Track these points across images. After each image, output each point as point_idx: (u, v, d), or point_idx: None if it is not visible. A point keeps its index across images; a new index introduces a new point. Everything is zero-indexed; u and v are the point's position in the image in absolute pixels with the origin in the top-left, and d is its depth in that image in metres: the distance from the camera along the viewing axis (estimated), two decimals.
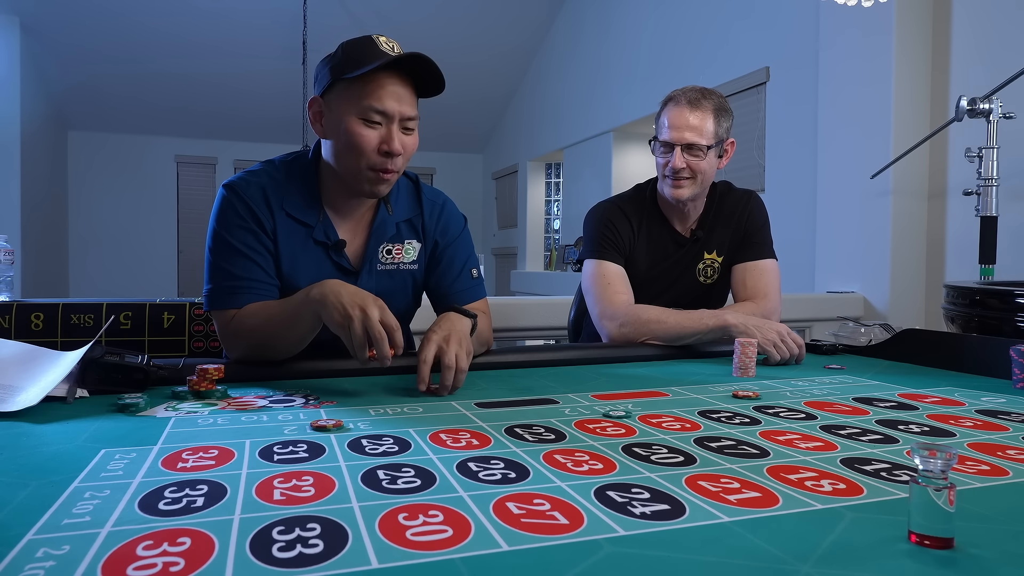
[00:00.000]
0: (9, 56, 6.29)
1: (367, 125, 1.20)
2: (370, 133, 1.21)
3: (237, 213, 1.25)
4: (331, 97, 1.24)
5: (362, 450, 0.76)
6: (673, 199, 1.65)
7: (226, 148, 8.76)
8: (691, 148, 1.60)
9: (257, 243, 1.26)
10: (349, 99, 1.21)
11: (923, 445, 0.52)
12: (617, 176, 5.98)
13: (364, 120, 1.20)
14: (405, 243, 1.38)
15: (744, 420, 0.93)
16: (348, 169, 1.25)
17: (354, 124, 1.20)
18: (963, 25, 2.81)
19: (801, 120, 3.68)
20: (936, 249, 2.93)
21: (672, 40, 5.08)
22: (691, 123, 1.59)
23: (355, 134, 1.20)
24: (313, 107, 1.27)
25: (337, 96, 1.23)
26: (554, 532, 0.54)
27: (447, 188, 1.44)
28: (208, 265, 1.27)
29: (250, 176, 1.30)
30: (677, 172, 1.61)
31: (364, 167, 1.23)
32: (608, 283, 1.65)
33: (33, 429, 0.83)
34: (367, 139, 1.20)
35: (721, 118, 1.63)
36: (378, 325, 1.03)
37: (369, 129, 1.21)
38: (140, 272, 8.39)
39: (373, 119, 1.20)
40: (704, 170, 1.62)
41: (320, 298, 1.08)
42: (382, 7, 6.66)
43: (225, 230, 1.25)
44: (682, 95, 1.63)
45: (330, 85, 1.24)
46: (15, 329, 1.64)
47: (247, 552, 0.50)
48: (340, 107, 1.22)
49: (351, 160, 1.23)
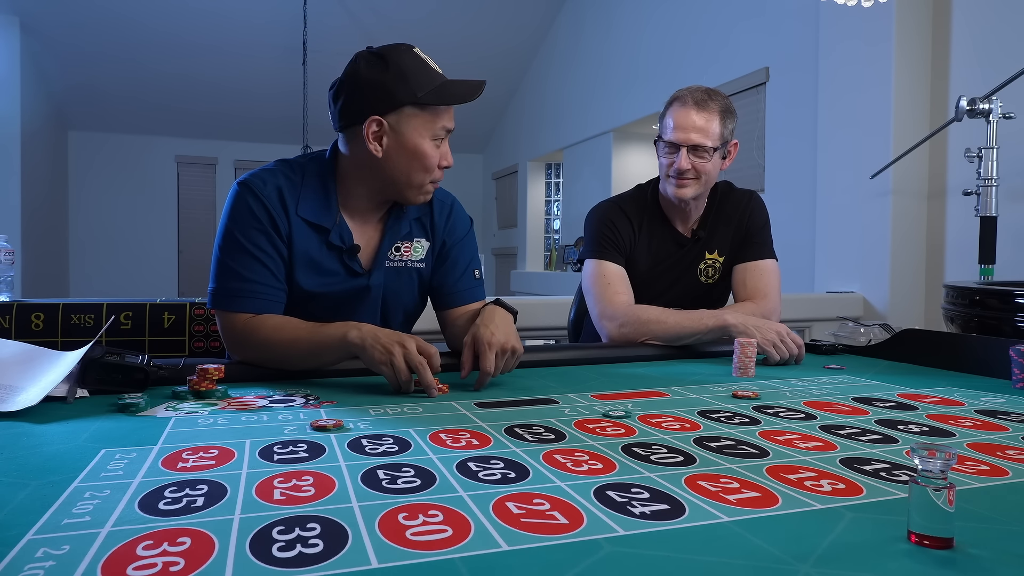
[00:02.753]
0: (9, 56, 6.29)
1: (435, 143, 1.26)
2: (436, 152, 1.27)
3: (252, 213, 1.24)
4: (398, 118, 1.23)
5: (362, 450, 0.76)
6: (676, 199, 1.65)
7: (226, 148, 8.76)
8: (696, 149, 1.60)
9: (269, 245, 1.24)
10: (424, 122, 1.24)
11: (923, 445, 0.52)
12: (617, 176, 5.98)
13: (435, 140, 1.26)
14: (414, 241, 1.39)
15: (744, 420, 0.93)
16: (409, 183, 1.28)
17: (427, 144, 1.25)
18: (963, 25, 2.81)
19: (801, 120, 3.68)
20: (936, 249, 2.93)
21: (672, 40, 5.08)
22: (697, 124, 1.59)
23: (428, 155, 1.25)
24: (371, 127, 1.23)
25: (408, 118, 1.23)
26: (554, 532, 0.54)
27: (447, 188, 1.45)
28: (216, 262, 1.26)
29: (266, 175, 1.28)
30: (682, 173, 1.61)
31: (427, 182, 1.28)
32: (608, 283, 1.65)
33: (33, 429, 0.83)
34: (434, 158, 1.27)
35: (727, 120, 1.63)
36: (417, 355, 1.08)
37: (435, 148, 1.27)
38: (140, 272, 8.39)
39: (441, 137, 1.27)
40: (708, 171, 1.62)
41: (359, 342, 1.11)
42: (382, 7, 6.66)
43: (238, 229, 1.24)
44: (688, 95, 1.62)
45: (400, 105, 1.22)
46: (15, 329, 1.64)
47: (247, 552, 0.50)
48: (413, 129, 1.24)
49: (418, 176, 1.27)
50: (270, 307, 1.24)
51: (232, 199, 1.26)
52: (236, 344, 1.23)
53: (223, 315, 1.24)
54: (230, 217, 1.25)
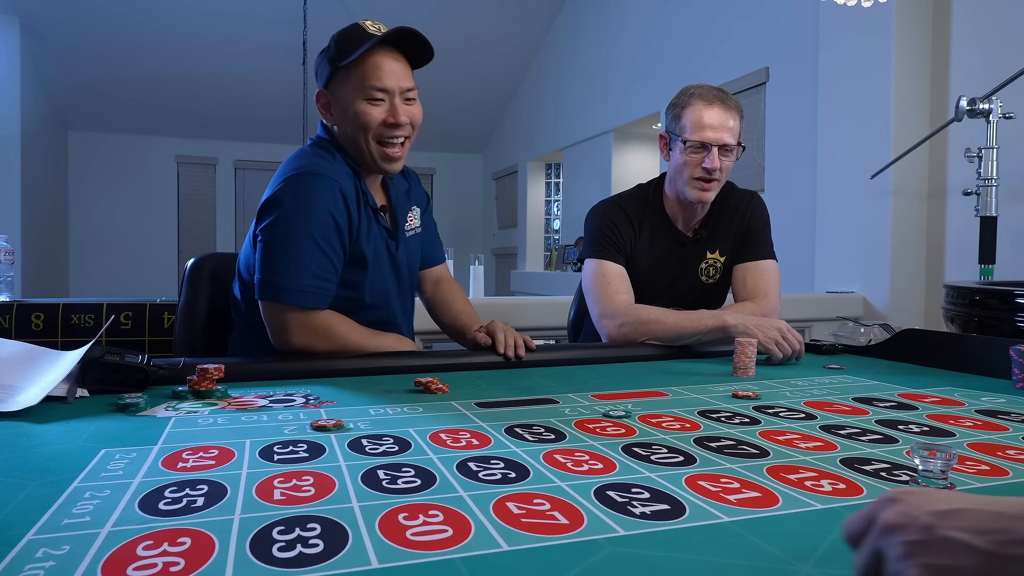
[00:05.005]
0: (9, 56, 6.29)
1: (372, 104, 1.31)
2: (375, 110, 1.32)
3: (326, 209, 1.27)
4: (334, 86, 1.35)
5: (362, 450, 0.76)
6: (699, 201, 1.64)
7: (226, 148, 8.76)
8: (723, 148, 1.60)
9: (338, 240, 1.30)
10: (351, 84, 1.31)
11: (923, 445, 0.52)
12: (617, 176, 5.98)
13: (368, 100, 1.31)
14: (412, 210, 1.51)
15: (744, 420, 0.93)
16: (360, 147, 1.34)
17: (360, 105, 1.31)
18: (963, 25, 2.81)
19: (801, 120, 3.68)
20: (936, 249, 2.93)
21: (672, 40, 5.08)
22: (727, 123, 1.59)
23: (361, 113, 1.31)
24: (321, 99, 1.38)
25: (339, 84, 1.33)
26: (554, 532, 0.54)
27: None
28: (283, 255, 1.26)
29: (323, 163, 1.31)
30: (712, 172, 1.59)
31: (373, 141, 1.33)
32: (608, 282, 1.65)
33: (33, 429, 0.83)
34: (373, 116, 1.31)
35: (742, 118, 1.65)
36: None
37: (374, 107, 1.31)
38: (140, 272, 8.38)
39: (376, 97, 1.31)
40: (729, 169, 1.64)
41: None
42: (382, 7, 6.65)
43: (313, 223, 1.26)
44: (708, 93, 1.61)
45: (331, 75, 1.34)
46: (15, 329, 1.64)
47: (247, 552, 0.50)
48: (345, 93, 1.33)
49: (361, 138, 1.33)
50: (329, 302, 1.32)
51: (306, 190, 1.28)
52: (303, 336, 1.28)
53: (291, 309, 1.27)
54: (304, 209, 1.27)
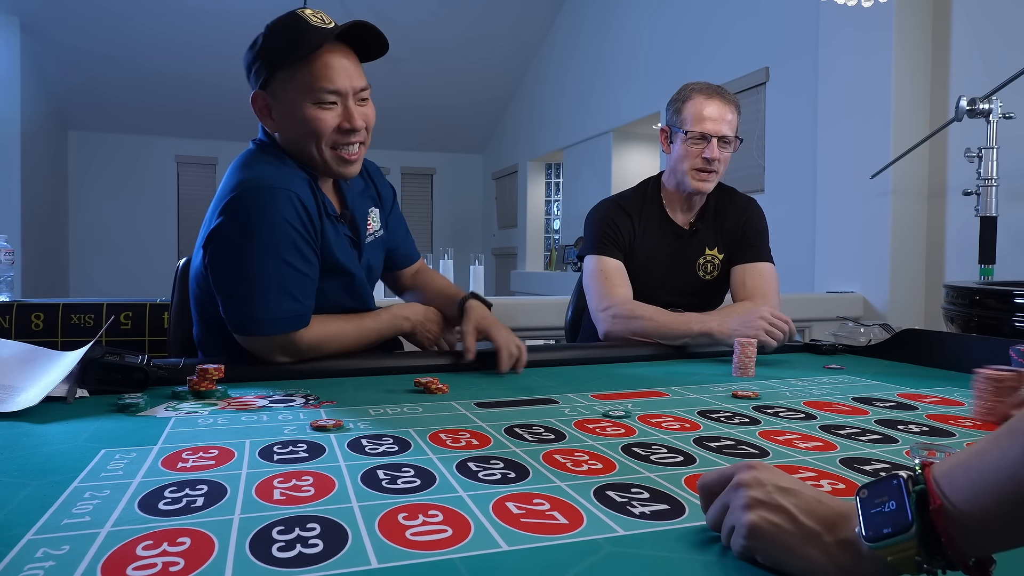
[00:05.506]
0: (9, 56, 6.29)
1: (323, 108, 1.15)
2: (327, 115, 1.15)
3: (285, 222, 1.12)
4: (275, 87, 1.17)
5: (362, 450, 0.76)
6: (699, 191, 1.68)
7: (226, 148, 8.75)
8: (722, 140, 1.65)
9: (312, 254, 1.17)
10: (297, 86, 1.14)
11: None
12: (617, 176, 5.98)
13: (319, 104, 1.15)
14: (370, 212, 1.36)
15: (744, 420, 0.93)
16: (312, 156, 1.18)
17: (309, 110, 1.15)
18: (963, 25, 2.81)
19: (801, 120, 3.68)
20: (936, 249, 2.93)
21: (672, 40, 5.08)
22: (726, 116, 1.65)
23: (312, 120, 1.14)
24: (258, 103, 1.20)
25: (282, 85, 1.16)
26: (554, 532, 0.54)
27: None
28: (251, 285, 1.12)
29: (274, 171, 1.16)
30: (711, 162, 1.64)
31: (327, 149, 1.18)
32: (607, 277, 1.67)
33: (33, 429, 0.83)
34: (325, 121, 1.15)
35: (739, 113, 1.70)
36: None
37: (325, 111, 1.15)
38: (140, 272, 8.38)
39: (327, 100, 1.15)
40: (727, 161, 1.68)
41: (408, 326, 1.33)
42: (382, 7, 6.65)
43: (276, 242, 1.11)
44: (707, 88, 1.68)
45: (270, 75, 1.16)
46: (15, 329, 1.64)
47: (247, 552, 0.50)
48: (289, 97, 1.15)
49: (312, 145, 1.17)
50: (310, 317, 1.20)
51: (266, 207, 1.11)
52: (299, 355, 1.19)
53: (267, 340, 1.15)
54: (269, 230, 1.11)
